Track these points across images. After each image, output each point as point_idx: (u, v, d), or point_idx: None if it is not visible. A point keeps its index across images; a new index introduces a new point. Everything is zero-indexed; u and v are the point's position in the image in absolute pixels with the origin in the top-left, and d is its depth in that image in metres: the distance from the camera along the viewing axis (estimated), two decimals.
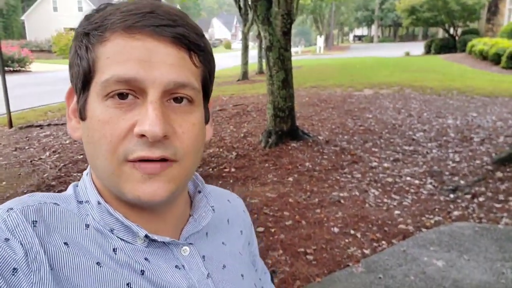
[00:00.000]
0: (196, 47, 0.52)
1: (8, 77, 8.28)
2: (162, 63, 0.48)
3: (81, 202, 0.55)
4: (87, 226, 0.52)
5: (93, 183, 0.56)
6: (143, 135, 0.47)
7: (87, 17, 0.52)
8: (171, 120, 0.50)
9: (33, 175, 4.80)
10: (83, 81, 0.51)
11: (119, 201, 0.54)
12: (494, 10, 22.42)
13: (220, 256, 0.63)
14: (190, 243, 0.59)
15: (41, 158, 5.46)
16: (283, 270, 2.73)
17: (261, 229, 3.31)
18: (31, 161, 5.34)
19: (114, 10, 0.50)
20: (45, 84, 14.11)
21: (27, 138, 6.62)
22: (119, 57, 0.48)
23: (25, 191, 4.23)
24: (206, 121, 0.59)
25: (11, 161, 5.39)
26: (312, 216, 3.54)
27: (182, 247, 0.58)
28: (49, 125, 7.58)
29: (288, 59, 5.83)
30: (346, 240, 3.12)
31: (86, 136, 0.52)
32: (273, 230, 3.30)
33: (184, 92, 0.51)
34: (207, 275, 0.59)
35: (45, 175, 4.76)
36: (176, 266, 0.56)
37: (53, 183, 4.47)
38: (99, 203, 0.54)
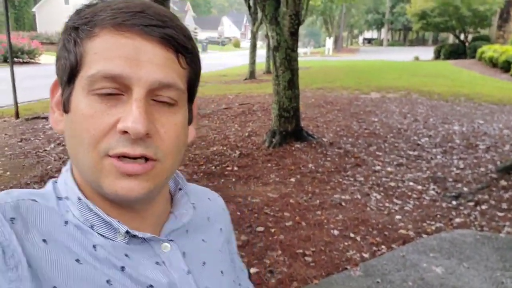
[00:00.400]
0: (184, 49, 0.52)
1: (17, 69, 8.36)
2: (149, 62, 0.49)
3: (60, 198, 0.55)
4: (66, 222, 0.52)
5: (74, 179, 0.56)
6: (125, 132, 0.48)
7: (78, 12, 0.52)
8: (154, 119, 0.50)
9: (37, 166, 4.84)
10: (69, 74, 0.51)
11: (100, 197, 0.54)
12: (505, 17, 22.23)
13: (200, 253, 0.63)
14: (171, 240, 0.59)
15: (45, 150, 5.49)
16: (281, 271, 2.72)
17: (261, 228, 3.31)
18: (35, 152, 5.37)
19: (105, 6, 0.51)
20: (54, 76, 14.07)
21: (33, 130, 6.66)
22: (107, 53, 0.48)
23: (28, 182, 4.27)
24: (190, 122, 0.59)
25: (16, 151, 5.44)
26: (313, 218, 3.54)
27: (162, 243, 0.58)
28: None
29: (294, 60, 5.82)
30: (346, 243, 3.11)
31: (68, 129, 0.52)
32: (273, 230, 3.29)
33: (169, 93, 0.51)
34: (187, 272, 0.59)
35: (49, 166, 4.80)
36: (156, 263, 0.56)
37: (57, 175, 4.43)
38: (79, 198, 0.54)
